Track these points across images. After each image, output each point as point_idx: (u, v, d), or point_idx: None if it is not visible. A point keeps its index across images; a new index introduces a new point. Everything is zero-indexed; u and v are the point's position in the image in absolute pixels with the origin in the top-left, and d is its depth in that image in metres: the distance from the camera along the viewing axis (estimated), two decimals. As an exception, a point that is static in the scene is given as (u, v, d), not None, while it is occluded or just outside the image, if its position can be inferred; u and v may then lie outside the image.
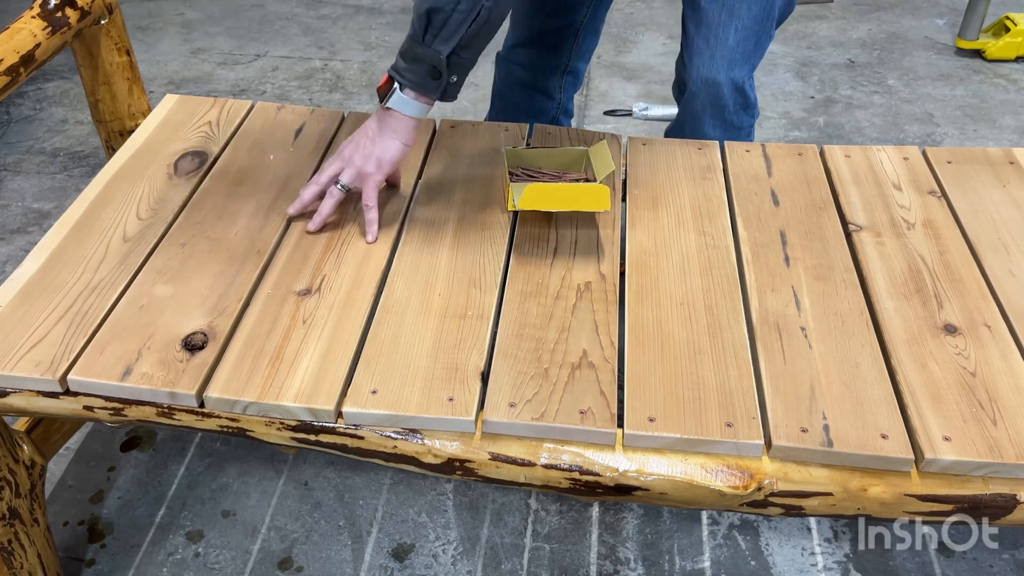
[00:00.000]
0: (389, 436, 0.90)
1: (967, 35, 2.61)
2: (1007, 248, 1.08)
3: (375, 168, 1.09)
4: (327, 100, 2.50)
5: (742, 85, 1.32)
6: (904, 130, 2.34)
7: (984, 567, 1.29)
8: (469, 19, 1.00)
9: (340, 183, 1.11)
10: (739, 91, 1.32)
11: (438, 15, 1.00)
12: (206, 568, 1.30)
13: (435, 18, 1.00)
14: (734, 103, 1.33)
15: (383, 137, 1.08)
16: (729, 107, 1.34)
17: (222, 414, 0.91)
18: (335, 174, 1.11)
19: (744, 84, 1.32)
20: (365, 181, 1.10)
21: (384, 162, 1.09)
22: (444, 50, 1.01)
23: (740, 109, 1.35)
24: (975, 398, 0.88)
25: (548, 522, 1.36)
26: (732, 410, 0.88)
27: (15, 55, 1.14)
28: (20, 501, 1.07)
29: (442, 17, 1.00)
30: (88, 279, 1.03)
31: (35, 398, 0.93)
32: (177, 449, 1.48)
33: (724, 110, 1.34)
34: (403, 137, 1.08)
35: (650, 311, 1.00)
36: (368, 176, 1.09)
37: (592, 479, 0.87)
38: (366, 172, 1.09)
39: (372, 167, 1.09)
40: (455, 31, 1.01)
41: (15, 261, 1.87)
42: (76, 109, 2.44)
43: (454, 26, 1.00)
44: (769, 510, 0.88)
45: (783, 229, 1.12)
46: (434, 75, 1.03)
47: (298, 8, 3.03)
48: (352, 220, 1.13)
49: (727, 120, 1.36)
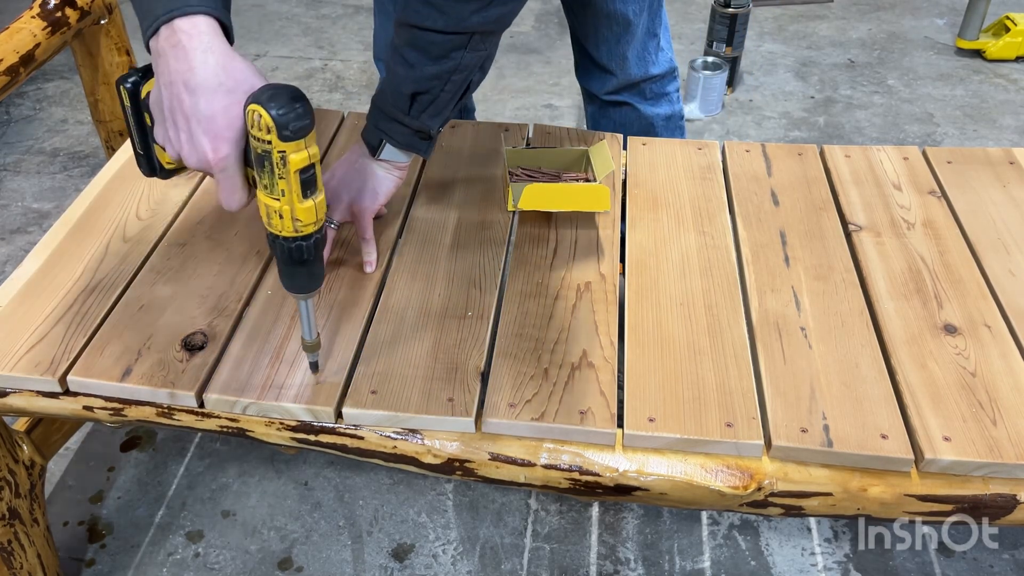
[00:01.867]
0: (389, 436, 0.90)
1: (967, 35, 2.61)
2: (1007, 248, 1.08)
3: (371, 201, 1.02)
4: (327, 100, 2.50)
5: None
6: (904, 130, 2.34)
7: (984, 567, 1.29)
8: (458, 95, 0.94)
9: (332, 222, 1.03)
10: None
11: (424, 96, 0.92)
12: (206, 568, 1.30)
13: (421, 99, 0.93)
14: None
15: (375, 171, 1.01)
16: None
17: (222, 414, 0.91)
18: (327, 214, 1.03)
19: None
20: (361, 215, 1.02)
21: (380, 194, 1.02)
22: (435, 124, 0.95)
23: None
24: (975, 398, 0.88)
25: (548, 522, 1.36)
26: (732, 410, 0.88)
27: (15, 55, 1.14)
28: (20, 501, 1.07)
29: (428, 98, 0.93)
30: (88, 279, 1.03)
31: (35, 398, 0.93)
32: (177, 449, 1.48)
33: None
34: (397, 173, 1.02)
35: (650, 311, 1.00)
36: (364, 210, 1.02)
37: (592, 479, 0.87)
38: (362, 206, 1.02)
39: (367, 200, 1.02)
40: (444, 107, 0.94)
41: (15, 261, 1.87)
42: (76, 109, 2.44)
43: (442, 104, 0.93)
44: (769, 510, 0.88)
45: (783, 229, 1.12)
46: (423, 137, 0.96)
47: (298, 8, 3.03)
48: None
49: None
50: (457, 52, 0.89)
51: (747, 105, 2.46)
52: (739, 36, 2.44)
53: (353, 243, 1.09)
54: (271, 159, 0.70)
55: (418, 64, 0.90)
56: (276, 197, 0.73)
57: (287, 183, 0.72)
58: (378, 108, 0.96)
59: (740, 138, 2.31)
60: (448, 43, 0.88)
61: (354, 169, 1.02)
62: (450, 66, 0.90)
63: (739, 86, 2.54)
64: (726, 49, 2.44)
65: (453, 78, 0.91)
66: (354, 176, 1.02)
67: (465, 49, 0.89)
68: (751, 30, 2.75)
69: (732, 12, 2.38)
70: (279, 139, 0.69)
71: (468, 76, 0.92)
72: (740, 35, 2.44)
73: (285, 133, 0.69)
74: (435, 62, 0.89)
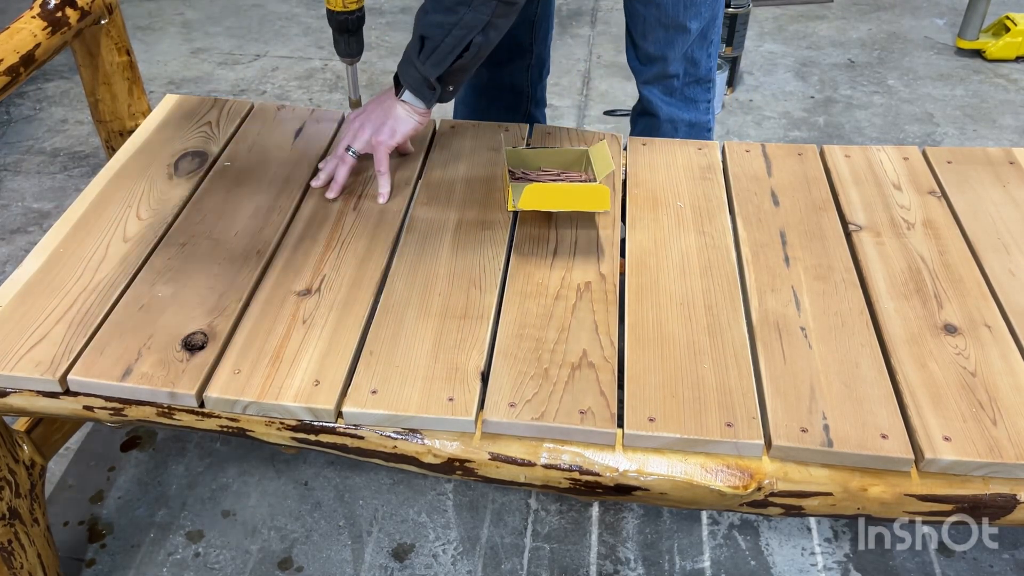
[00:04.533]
0: (389, 436, 0.90)
1: (967, 35, 2.61)
2: (1007, 248, 1.08)
3: (388, 135, 1.14)
4: (327, 100, 2.50)
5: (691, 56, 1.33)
6: (904, 130, 2.34)
7: (984, 567, 1.29)
8: (457, 51, 1.04)
9: (352, 149, 1.15)
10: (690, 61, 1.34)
11: (429, 41, 1.05)
12: (206, 568, 1.30)
13: (427, 43, 1.05)
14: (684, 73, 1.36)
15: (397, 111, 1.13)
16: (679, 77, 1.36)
17: (222, 414, 0.91)
18: (348, 142, 1.16)
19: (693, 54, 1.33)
20: (377, 147, 1.14)
21: (398, 132, 1.14)
22: (433, 73, 1.06)
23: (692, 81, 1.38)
24: (975, 398, 0.88)
25: (548, 522, 1.36)
26: (732, 410, 0.88)
27: (15, 55, 1.14)
28: (20, 501, 1.07)
29: (432, 44, 1.05)
30: (88, 279, 1.03)
31: (35, 398, 0.93)
32: (177, 449, 1.48)
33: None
34: (418, 116, 1.14)
35: (650, 311, 1.00)
36: (381, 143, 1.14)
37: (592, 479, 0.87)
38: (379, 140, 1.14)
39: (386, 135, 1.14)
40: (443, 59, 1.05)
41: (15, 261, 1.87)
42: (76, 109, 2.44)
43: (442, 55, 1.05)
44: (769, 510, 0.88)
45: (783, 229, 1.12)
46: (429, 86, 1.08)
47: (298, 8, 3.03)
48: (351, 222, 1.13)
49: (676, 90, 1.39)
50: (461, 7, 1.02)
51: (747, 105, 2.46)
52: (739, 36, 2.44)
53: (351, 244, 1.09)
54: None
55: (431, 11, 1.04)
56: None
57: None
58: (405, 53, 1.10)
59: (740, 138, 2.31)
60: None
61: (381, 106, 1.15)
62: (453, 19, 1.02)
63: (739, 86, 2.54)
64: (726, 49, 2.44)
65: (454, 32, 1.03)
66: (379, 112, 1.15)
67: (469, 6, 1.01)
68: (751, 30, 2.75)
69: (732, 12, 2.38)
70: None
71: (468, 35, 1.03)
72: (740, 35, 2.44)
73: None
74: (443, 12, 1.03)
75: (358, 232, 1.11)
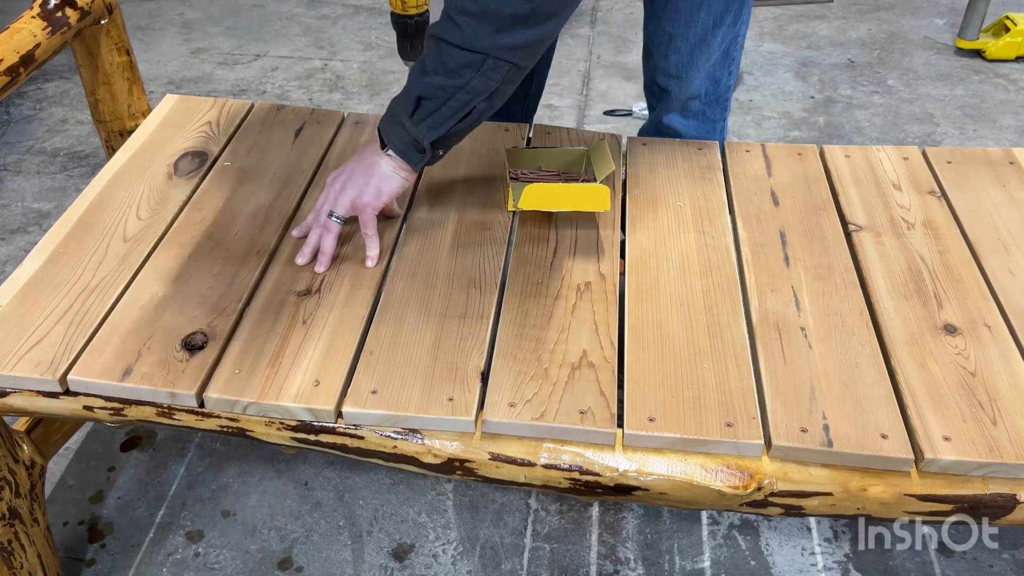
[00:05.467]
0: (389, 436, 0.90)
1: (967, 35, 2.61)
2: (1007, 248, 1.08)
3: (374, 196, 1.03)
4: (327, 100, 2.50)
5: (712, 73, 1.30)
6: (904, 130, 2.34)
7: (984, 567, 1.29)
8: (458, 116, 0.96)
9: (335, 215, 1.04)
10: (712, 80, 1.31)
11: (427, 103, 0.95)
12: (206, 568, 1.30)
13: (423, 105, 0.96)
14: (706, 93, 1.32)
15: (382, 167, 1.02)
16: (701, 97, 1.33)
17: (222, 414, 0.91)
18: (330, 207, 1.05)
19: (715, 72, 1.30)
20: (363, 210, 1.04)
21: (384, 192, 1.03)
22: (429, 137, 0.97)
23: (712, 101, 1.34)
24: (975, 398, 0.88)
25: (548, 522, 1.36)
26: (732, 410, 0.88)
27: (15, 55, 1.14)
28: (20, 501, 1.07)
29: (430, 106, 0.95)
30: (88, 279, 1.03)
31: (35, 398, 0.93)
32: (177, 449, 1.48)
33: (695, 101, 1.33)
34: (404, 173, 1.03)
35: (650, 311, 1.00)
36: (367, 205, 1.03)
37: (592, 479, 0.87)
38: (364, 201, 1.03)
39: (370, 196, 1.03)
40: (441, 124, 0.96)
41: (15, 261, 1.87)
42: (76, 109, 2.44)
43: (440, 119, 0.96)
44: (769, 510, 0.88)
45: (783, 229, 1.12)
46: (417, 148, 0.99)
47: (298, 8, 3.03)
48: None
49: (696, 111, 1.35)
50: (468, 71, 0.92)
51: (747, 105, 2.46)
52: (739, 36, 2.43)
53: (351, 244, 1.09)
54: None
55: (432, 72, 0.94)
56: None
57: None
58: (390, 109, 1.00)
59: (740, 138, 2.31)
60: (463, 59, 0.92)
61: (362, 163, 1.04)
62: (458, 83, 0.93)
63: (739, 86, 2.54)
64: (726, 49, 2.43)
65: (458, 95, 0.94)
66: (361, 170, 1.04)
67: (477, 71, 0.92)
68: (751, 30, 2.75)
69: (732, 12, 2.38)
70: None
71: (472, 100, 0.94)
72: (740, 35, 2.43)
73: None
74: (447, 75, 0.93)
75: (358, 233, 1.11)
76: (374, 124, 1.33)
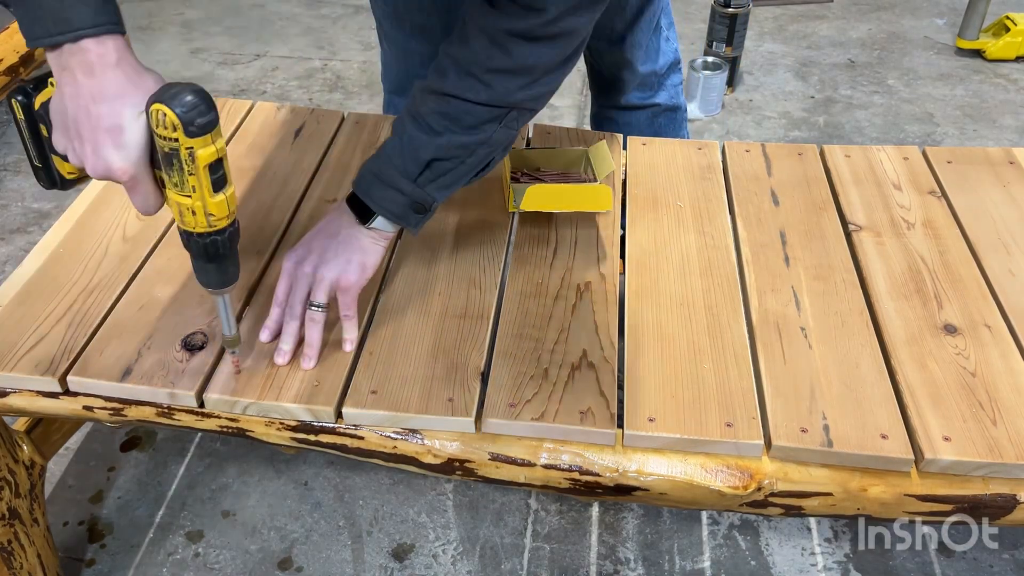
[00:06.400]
0: (389, 436, 0.90)
1: (967, 35, 2.61)
2: (1007, 248, 1.08)
3: (358, 273, 0.92)
4: (327, 100, 2.50)
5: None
6: (904, 130, 2.34)
7: (984, 567, 1.29)
8: (475, 169, 0.90)
9: (317, 304, 0.92)
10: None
11: (441, 164, 0.88)
12: (206, 568, 1.30)
13: (437, 166, 0.88)
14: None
15: (363, 242, 0.92)
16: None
17: (222, 414, 0.91)
18: (305, 295, 0.93)
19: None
20: (347, 291, 0.92)
21: (368, 267, 0.93)
22: (441, 196, 0.90)
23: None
24: (975, 398, 0.88)
25: (548, 522, 1.36)
26: (732, 410, 0.88)
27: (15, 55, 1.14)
28: (20, 501, 1.07)
29: (446, 166, 0.88)
30: (88, 279, 1.03)
31: (35, 398, 0.93)
32: (177, 449, 1.48)
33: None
34: (384, 242, 0.94)
35: (650, 311, 1.00)
36: (351, 286, 0.92)
37: (592, 479, 0.87)
38: (348, 282, 0.91)
39: (354, 274, 0.92)
40: (458, 180, 0.90)
41: (15, 261, 1.87)
42: (76, 109, 2.44)
43: (457, 176, 0.89)
44: (769, 510, 0.88)
45: (783, 229, 1.12)
46: (418, 210, 0.90)
47: (298, 8, 3.03)
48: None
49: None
50: (490, 125, 0.87)
51: (747, 105, 2.46)
52: (739, 36, 2.44)
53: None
54: (179, 156, 0.71)
55: (446, 132, 0.87)
56: (187, 194, 0.73)
57: (197, 179, 0.72)
58: (373, 174, 0.90)
59: (740, 138, 2.31)
60: (485, 115, 0.86)
61: (336, 242, 0.92)
62: (480, 138, 0.87)
63: (739, 86, 2.54)
64: (726, 49, 2.44)
65: (479, 151, 0.88)
66: (338, 250, 0.92)
67: (499, 123, 0.87)
68: (751, 30, 2.75)
69: (732, 12, 2.38)
70: (186, 135, 0.70)
71: (492, 152, 0.89)
72: (740, 35, 2.44)
73: (191, 129, 0.70)
74: (466, 132, 0.87)
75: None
76: (374, 124, 1.33)
